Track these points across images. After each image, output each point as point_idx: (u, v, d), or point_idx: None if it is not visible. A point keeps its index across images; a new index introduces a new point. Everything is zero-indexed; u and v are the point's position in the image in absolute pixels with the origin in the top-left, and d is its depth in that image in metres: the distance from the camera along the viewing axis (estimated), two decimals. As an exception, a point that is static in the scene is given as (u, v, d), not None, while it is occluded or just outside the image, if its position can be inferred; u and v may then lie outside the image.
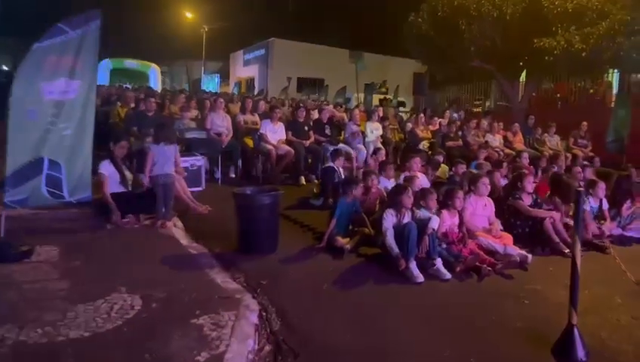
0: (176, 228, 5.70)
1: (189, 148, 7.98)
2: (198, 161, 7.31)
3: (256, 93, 31.56)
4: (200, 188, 7.33)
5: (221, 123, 9.00)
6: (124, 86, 32.87)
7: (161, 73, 38.37)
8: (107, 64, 34.20)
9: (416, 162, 7.44)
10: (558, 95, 17.05)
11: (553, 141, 11.50)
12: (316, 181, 8.65)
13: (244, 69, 39.42)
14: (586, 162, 8.89)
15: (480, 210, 5.44)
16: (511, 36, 13.19)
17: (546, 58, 12.11)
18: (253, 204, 4.96)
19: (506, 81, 15.13)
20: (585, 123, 11.47)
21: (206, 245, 5.12)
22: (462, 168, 7.15)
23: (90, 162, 5.43)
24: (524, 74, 15.70)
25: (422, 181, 6.53)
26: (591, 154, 11.24)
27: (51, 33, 5.03)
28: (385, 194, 5.95)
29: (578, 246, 3.20)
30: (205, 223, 5.95)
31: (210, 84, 38.56)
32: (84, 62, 5.30)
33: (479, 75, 17.20)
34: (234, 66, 41.90)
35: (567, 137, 11.54)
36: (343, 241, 5.05)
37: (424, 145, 11.04)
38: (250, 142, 9.13)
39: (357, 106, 14.27)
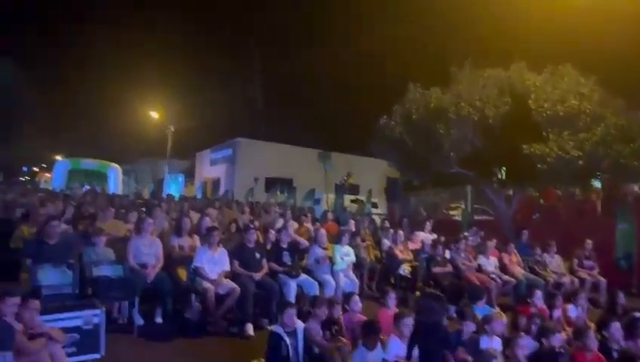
0: None
1: (95, 292, 5.90)
2: (96, 315, 5.17)
3: (221, 194, 29.96)
4: (97, 356, 5.13)
5: (148, 250, 6.99)
6: (84, 187, 31.02)
7: (124, 173, 36.67)
8: (64, 164, 32.45)
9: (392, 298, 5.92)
10: (543, 203, 15.80)
11: (554, 263, 9.79)
12: (269, 328, 6.62)
13: (210, 168, 38.09)
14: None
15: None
16: (494, 141, 11.90)
17: (539, 166, 10.70)
18: None
19: (489, 188, 13.69)
20: (589, 241, 9.92)
21: None
22: (469, 326, 5.24)
23: None
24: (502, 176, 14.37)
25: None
26: (599, 277, 9.60)
27: None
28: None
29: None
30: None
31: (174, 184, 36.75)
32: None
33: (457, 178, 15.83)
34: (200, 166, 40.59)
35: (571, 258, 9.91)
36: None
37: (405, 269, 9.18)
38: (184, 274, 7.10)
39: (325, 218, 12.47)
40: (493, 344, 5.09)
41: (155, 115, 37.95)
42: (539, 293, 6.70)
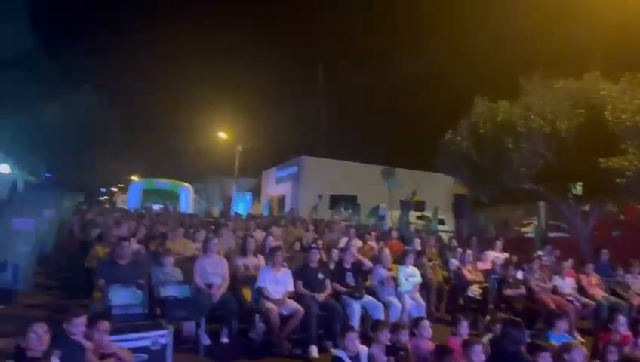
0: None
1: (162, 312, 6.04)
2: (163, 336, 5.27)
3: (287, 211, 30.31)
4: (165, 376, 5.22)
5: (214, 270, 7.10)
6: (153, 206, 32.39)
7: (195, 191, 37.94)
8: (140, 185, 34.02)
9: (464, 326, 5.64)
10: (624, 219, 14.73)
11: (638, 284, 9.08)
12: (333, 350, 6.51)
13: (276, 186, 38.66)
14: None
15: None
16: (567, 155, 11.26)
17: (617, 180, 10.02)
18: None
19: (563, 204, 12.95)
20: (680, 260, 9.13)
21: None
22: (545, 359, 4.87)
23: None
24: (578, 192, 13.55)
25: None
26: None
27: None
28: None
29: None
30: None
31: (241, 202, 37.59)
32: None
33: (528, 194, 15.10)
34: (266, 184, 41.31)
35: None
36: None
37: (474, 290, 8.80)
38: (248, 294, 7.14)
39: (389, 236, 12.21)
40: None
41: (223, 135, 39.15)
42: (622, 319, 6.18)
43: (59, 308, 8.02)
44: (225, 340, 6.88)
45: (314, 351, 6.38)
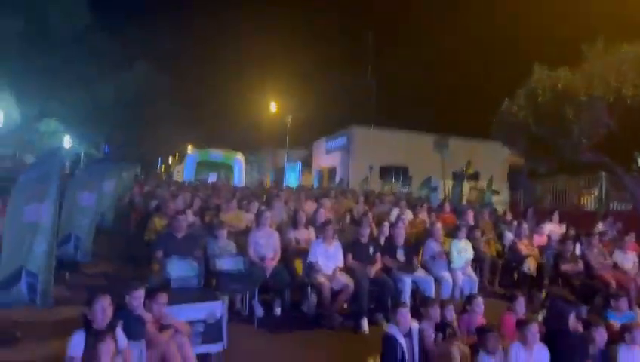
0: None
1: (217, 284, 6.22)
2: (219, 308, 5.44)
3: (336, 182, 30.38)
4: (220, 347, 5.41)
5: (267, 243, 7.23)
6: (209, 179, 33.25)
7: (247, 162, 38.56)
8: (195, 157, 34.85)
9: (521, 304, 5.43)
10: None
11: None
12: (384, 323, 6.56)
13: (325, 157, 38.68)
14: None
15: None
16: (633, 123, 10.66)
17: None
18: None
19: (627, 175, 12.32)
20: None
21: None
22: (602, 334, 4.71)
23: (52, 274, 5.89)
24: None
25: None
26: None
27: (31, 167, 6.22)
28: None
29: None
30: None
31: (292, 173, 37.93)
32: (50, 189, 5.80)
33: (589, 165, 14.42)
34: (316, 155, 41.39)
35: None
36: None
37: (529, 265, 8.59)
38: (300, 267, 7.26)
39: (441, 208, 12.00)
40: (634, 356, 4.56)
41: (274, 106, 39.38)
42: None
43: (119, 279, 8.48)
44: (277, 312, 7.04)
45: (365, 324, 6.44)
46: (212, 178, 32.66)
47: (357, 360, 5.26)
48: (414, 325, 4.91)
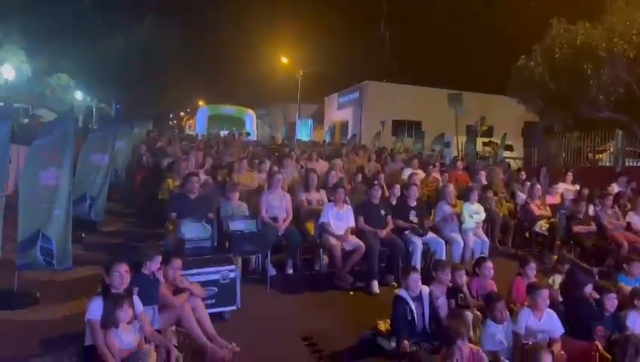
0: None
1: (230, 245, 6.31)
2: (232, 271, 5.55)
3: (348, 138, 30.21)
4: (233, 307, 5.54)
5: (279, 204, 7.29)
6: (221, 133, 33.20)
7: (258, 117, 38.38)
8: (205, 111, 34.75)
9: (532, 269, 5.39)
10: None
11: None
12: (394, 284, 6.66)
13: (338, 112, 38.39)
14: None
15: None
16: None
17: None
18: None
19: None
20: None
21: None
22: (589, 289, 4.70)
23: (70, 237, 5.93)
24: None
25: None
26: None
27: (43, 133, 6.02)
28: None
29: None
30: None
31: (304, 128, 37.79)
32: (65, 153, 5.85)
33: (606, 122, 14.13)
34: (328, 110, 41.07)
35: None
36: None
37: (541, 226, 8.58)
38: (312, 227, 7.32)
39: (454, 166, 11.89)
40: (643, 323, 4.59)
41: (285, 60, 38.80)
42: None
43: (135, 238, 8.65)
44: (290, 271, 7.17)
45: (375, 286, 6.53)
46: (223, 133, 32.72)
47: (367, 321, 5.33)
48: (424, 289, 4.97)
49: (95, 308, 3.81)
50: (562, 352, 4.18)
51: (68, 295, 5.79)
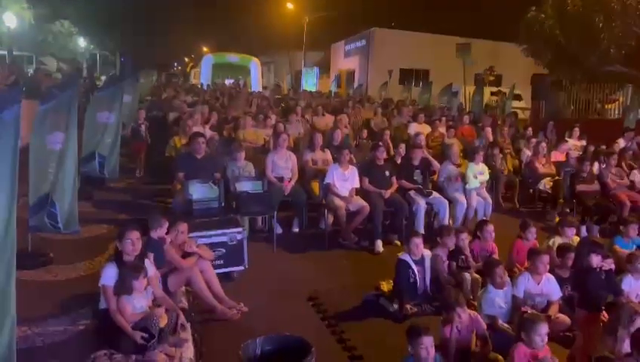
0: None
1: (237, 206, 6.44)
2: (239, 233, 5.69)
3: (355, 87, 29.86)
4: (241, 268, 5.73)
5: (284, 164, 7.37)
6: (227, 81, 32.83)
7: (263, 65, 37.87)
8: (210, 59, 34.29)
9: (532, 233, 5.53)
10: None
11: None
12: (398, 243, 6.81)
13: (344, 60, 37.78)
14: None
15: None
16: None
17: None
18: None
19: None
20: None
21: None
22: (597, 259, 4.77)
23: (76, 202, 6.05)
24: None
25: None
26: None
27: (49, 97, 5.88)
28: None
29: None
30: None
31: (309, 77, 37.29)
32: (71, 117, 5.92)
33: (616, 77, 13.86)
34: (335, 58, 40.42)
35: None
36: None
37: (545, 184, 8.63)
38: (317, 187, 7.43)
39: (460, 120, 11.79)
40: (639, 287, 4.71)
41: (290, 5, 37.86)
42: None
43: (144, 196, 8.80)
44: (296, 230, 7.33)
45: (379, 245, 6.67)
46: (229, 82, 32.42)
47: (371, 280, 5.50)
48: (427, 252, 5.11)
49: (109, 275, 3.94)
50: (558, 316, 4.34)
51: (81, 255, 5.96)
